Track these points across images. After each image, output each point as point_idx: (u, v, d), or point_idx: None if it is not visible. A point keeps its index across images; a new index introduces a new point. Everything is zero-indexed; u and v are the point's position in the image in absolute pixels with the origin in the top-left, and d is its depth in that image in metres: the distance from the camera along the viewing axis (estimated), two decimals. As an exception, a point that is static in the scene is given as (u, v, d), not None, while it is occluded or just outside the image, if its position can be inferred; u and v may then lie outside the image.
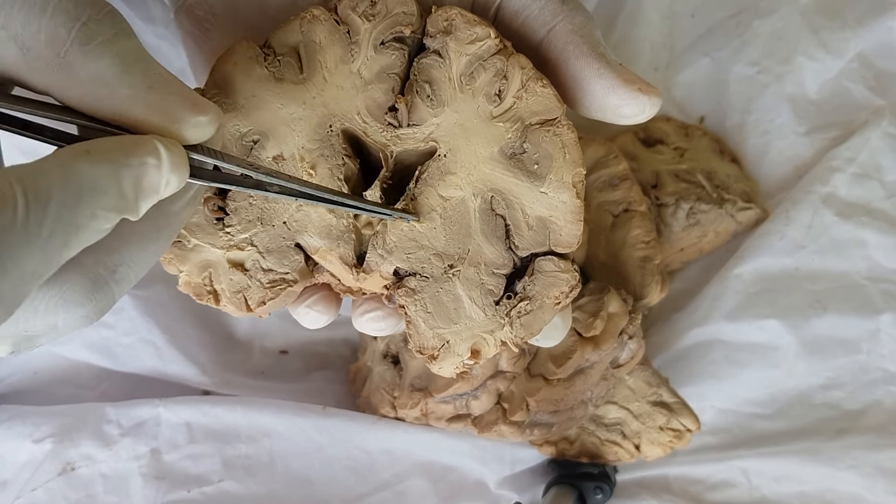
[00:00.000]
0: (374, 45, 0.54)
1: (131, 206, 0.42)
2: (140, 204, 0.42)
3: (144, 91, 0.43)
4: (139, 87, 0.43)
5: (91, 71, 0.42)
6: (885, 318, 0.97)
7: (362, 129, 0.55)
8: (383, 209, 0.54)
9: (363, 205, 0.53)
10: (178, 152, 0.44)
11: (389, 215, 0.54)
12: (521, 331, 0.54)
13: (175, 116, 0.44)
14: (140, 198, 0.42)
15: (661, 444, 0.94)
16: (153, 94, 0.43)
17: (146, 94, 0.43)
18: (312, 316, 0.60)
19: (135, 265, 0.46)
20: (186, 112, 0.44)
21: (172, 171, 0.43)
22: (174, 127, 0.44)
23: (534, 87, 0.52)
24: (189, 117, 0.44)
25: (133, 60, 0.43)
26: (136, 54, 0.43)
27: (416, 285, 0.55)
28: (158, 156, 0.42)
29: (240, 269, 0.57)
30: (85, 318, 0.44)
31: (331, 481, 0.93)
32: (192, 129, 0.44)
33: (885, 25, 0.99)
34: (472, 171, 0.54)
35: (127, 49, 0.43)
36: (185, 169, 0.44)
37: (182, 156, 0.44)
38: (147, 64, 0.44)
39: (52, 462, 0.89)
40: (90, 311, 0.44)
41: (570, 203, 0.53)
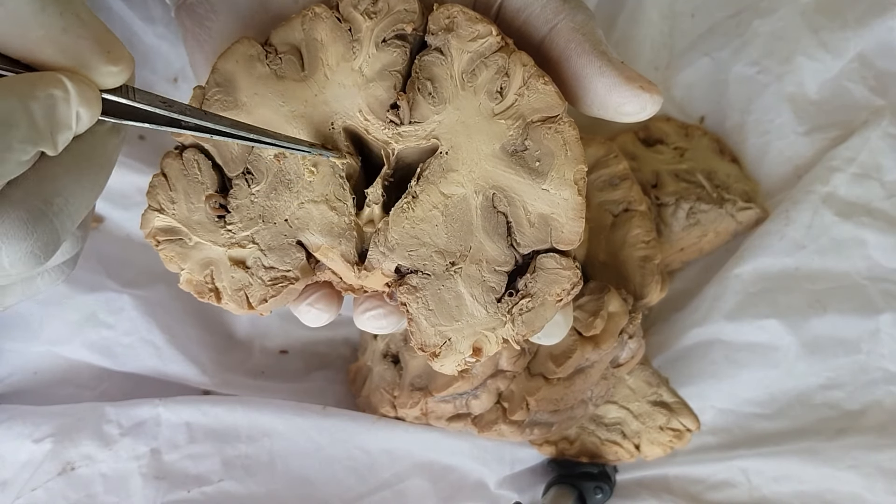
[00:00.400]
0: (375, 42, 0.54)
1: (46, 138, 0.42)
2: (56, 137, 0.42)
3: (58, 32, 0.42)
4: (53, 27, 0.42)
5: (8, 6, 0.41)
6: (885, 317, 0.97)
7: (364, 126, 0.55)
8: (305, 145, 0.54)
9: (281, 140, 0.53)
10: (88, 87, 0.44)
11: (310, 151, 0.54)
12: (522, 328, 0.54)
13: (86, 62, 0.43)
14: (54, 131, 0.42)
15: (661, 444, 0.94)
16: (66, 36, 0.43)
17: (60, 35, 0.42)
18: (314, 314, 0.60)
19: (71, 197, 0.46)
20: (98, 59, 0.44)
21: (82, 105, 0.43)
22: (85, 73, 0.44)
23: (535, 84, 0.52)
24: (100, 65, 0.44)
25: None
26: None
27: (418, 283, 0.55)
28: (66, 89, 0.42)
29: (241, 267, 0.57)
30: (31, 254, 0.44)
31: (331, 481, 0.93)
32: (103, 77, 0.44)
33: (886, 25, 1.00)
34: (474, 168, 0.54)
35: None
36: (95, 103, 0.44)
37: (93, 90, 0.44)
38: (66, 3, 0.43)
39: (52, 462, 0.89)
40: (33, 246, 0.44)
41: (571, 200, 0.53)
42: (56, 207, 0.45)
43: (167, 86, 0.97)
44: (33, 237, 0.43)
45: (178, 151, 0.57)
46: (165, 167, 0.57)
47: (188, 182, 0.56)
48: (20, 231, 0.43)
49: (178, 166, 0.56)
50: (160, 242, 0.57)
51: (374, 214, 0.55)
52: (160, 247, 0.57)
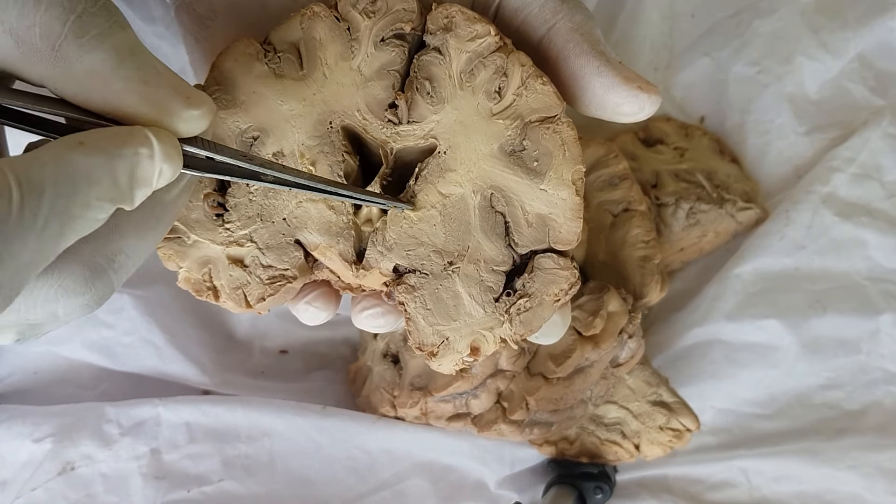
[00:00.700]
0: (374, 41, 0.54)
1: (126, 196, 0.42)
2: (135, 193, 0.42)
3: (138, 84, 0.43)
4: (133, 80, 0.43)
5: (86, 64, 0.42)
6: (885, 318, 0.97)
7: (362, 125, 0.55)
8: (380, 198, 0.54)
9: (359, 194, 0.53)
10: (171, 143, 0.44)
11: (385, 204, 0.54)
12: (520, 328, 0.54)
13: (168, 110, 0.44)
14: (134, 187, 0.42)
15: (661, 444, 0.94)
16: (147, 87, 0.43)
17: (140, 87, 0.43)
18: (312, 312, 0.60)
19: (132, 254, 0.46)
20: (179, 106, 0.44)
21: (165, 161, 0.43)
22: (167, 120, 0.44)
23: (534, 84, 0.52)
24: (182, 111, 0.44)
25: (128, 53, 0.43)
26: (130, 47, 0.43)
27: (416, 282, 0.55)
28: (151, 146, 0.42)
29: (239, 266, 0.57)
30: (85, 306, 0.44)
31: (331, 481, 0.93)
32: (185, 123, 0.44)
33: (886, 25, 1.00)
34: (472, 168, 0.54)
35: (122, 42, 0.43)
36: (178, 159, 0.44)
37: (175, 146, 0.44)
38: (142, 57, 0.43)
39: (52, 462, 0.89)
40: (89, 300, 0.44)
41: (569, 200, 0.53)
42: (117, 264, 0.45)
43: (167, 85, 0.98)
44: (91, 292, 0.44)
45: None
46: None
47: None
48: (80, 287, 0.44)
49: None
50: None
51: (373, 214, 0.55)
52: (159, 245, 0.57)
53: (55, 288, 0.43)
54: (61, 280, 0.43)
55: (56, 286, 0.43)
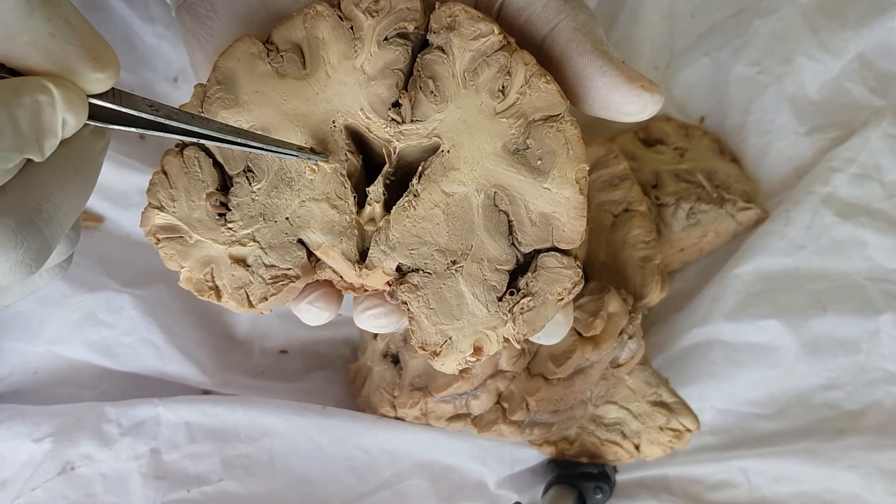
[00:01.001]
0: (377, 41, 0.54)
1: (31, 145, 0.41)
2: (42, 143, 0.42)
3: (45, 38, 0.42)
4: (40, 33, 0.41)
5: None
6: (885, 318, 0.97)
7: (365, 124, 0.55)
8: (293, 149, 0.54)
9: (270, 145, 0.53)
10: (73, 91, 0.43)
11: (297, 155, 0.54)
12: (523, 327, 0.54)
13: (71, 69, 0.43)
14: (39, 137, 0.42)
15: (661, 444, 0.94)
16: (53, 42, 0.42)
17: (47, 41, 0.42)
18: (314, 312, 0.60)
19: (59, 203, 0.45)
20: (84, 66, 0.43)
21: (68, 111, 0.43)
22: (71, 79, 0.43)
23: (537, 83, 0.52)
24: (86, 72, 0.43)
25: (39, 3, 0.41)
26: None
27: (419, 281, 0.55)
28: (51, 95, 0.41)
29: (241, 265, 0.57)
30: (22, 263, 0.43)
31: (330, 481, 0.93)
32: (90, 84, 0.44)
33: (886, 26, 1.00)
34: (476, 166, 0.54)
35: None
36: (82, 108, 0.44)
37: (78, 94, 0.43)
38: (54, 7, 0.42)
39: (52, 461, 0.89)
40: (24, 255, 0.43)
41: (573, 199, 0.53)
42: (45, 214, 0.44)
43: (167, 85, 0.98)
44: (24, 246, 0.43)
45: (178, 149, 0.57)
46: (166, 165, 0.57)
47: (189, 180, 0.56)
48: (10, 240, 0.42)
49: (178, 164, 0.56)
50: (160, 240, 0.57)
51: (376, 213, 0.55)
52: (160, 245, 0.57)
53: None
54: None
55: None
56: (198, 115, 0.51)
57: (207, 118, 0.51)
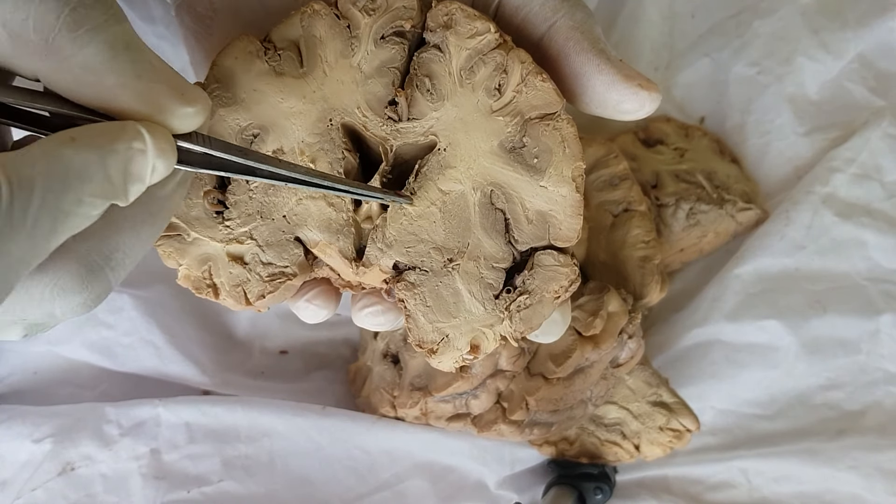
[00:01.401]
0: (374, 39, 0.54)
1: (119, 192, 0.42)
2: (128, 189, 0.42)
3: (132, 79, 0.42)
4: (127, 75, 0.42)
5: (79, 58, 0.41)
6: (885, 318, 0.97)
7: (362, 122, 0.55)
8: (380, 192, 0.54)
9: (360, 189, 0.53)
10: (164, 137, 0.44)
11: (384, 199, 0.54)
12: (520, 325, 0.54)
13: (162, 106, 0.43)
14: (128, 183, 0.42)
15: (661, 445, 0.94)
16: (140, 82, 0.43)
17: (134, 82, 0.42)
18: (312, 310, 0.60)
19: (129, 251, 0.46)
20: (174, 102, 0.43)
21: (158, 157, 0.43)
22: (160, 117, 0.43)
23: (533, 81, 0.52)
24: (176, 108, 0.44)
25: (122, 48, 0.42)
26: (125, 41, 0.43)
27: (416, 279, 0.55)
28: (143, 141, 0.42)
29: (239, 263, 0.57)
30: (82, 305, 0.44)
31: (330, 481, 0.93)
32: (179, 120, 0.44)
33: (886, 26, 1.00)
34: (472, 164, 0.54)
35: (116, 35, 0.42)
36: (171, 154, 0.44)
37: (168, 141, 0.44)
38: (137, 52, 0.43)
39: (52, 462, 0.89)
40: (86, 299, 0.44)
41: (569, 197, 0.53)
42: (114, 262, 0.45)
43: (167, 86, 0.98)
44: (87, 291, 0.44)
45: None
46: None
47: None
48: (76, 286, 0.43)
49: None
50: (159, 238, 0.57)
51: (372, 211, 0.55)
52: (158, 242, 0.57)
53: (51, 287, 0.43)
54: (56, 279, 0.43)
55: (52, 285, 0.43)
56: (284, 160, 0.53)
57: (293, 163, 0.52)
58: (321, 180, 0.52)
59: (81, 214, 0.40)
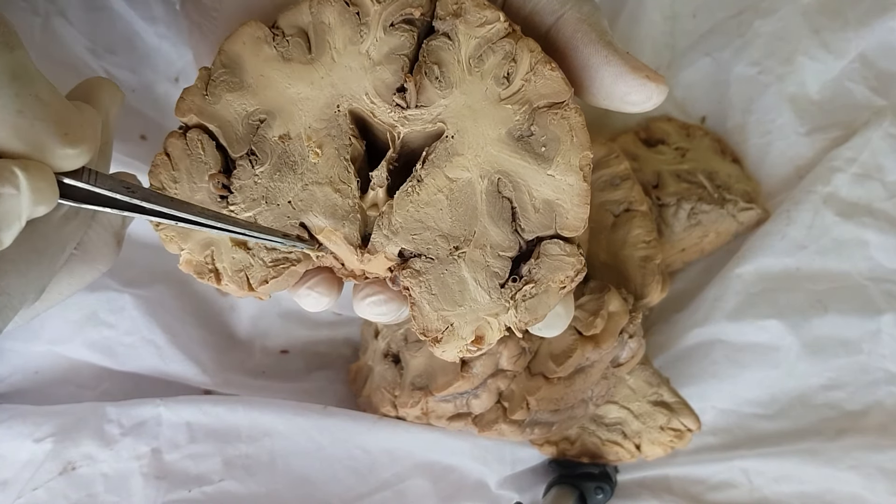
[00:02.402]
0: (383, 26, 0.54)
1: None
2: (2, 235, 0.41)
3: (12, 115, 0.40)
4: (7, 109, 0.40)
5: None
6: (887, 318, 0.98)
7: (370, 109, 0.55)
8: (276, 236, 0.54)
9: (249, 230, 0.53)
10: (43, 177, 0.42)
11: (282, 243, 0.54)
12: (525, 315, 0.54)
13: (41, 146, 0.42)
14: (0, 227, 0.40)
15: (662, 444, 0.94)
16: (21, 118, 0.40)
17: (13, 118, 0.40)
18: (314, 298, 0.60)
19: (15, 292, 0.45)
20: (55, 142, 0.42)
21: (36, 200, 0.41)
22: (41, 157, 0.42)
23: (542, 69, 0.53)
24: (56, 149, 0.42)
25: (7, 79, 0.40)
26: (13, 71, 0.40)
27: (421, 266, 0.55)
28: (16, 184, 0.40)
29: (242, 248, 0.56)
30: None
31: (331, 481, 0.93)
32: (60, 160, 0.43)
33: (887, 26, 1.00)
34: (480, 152, 0.54)
35: (3, 66, 0.40)
36: (51, 195, 0.43)
37: (47, 180, 0.42)
38: (24, 84, 0.41)
39: (53, 461, 0.89)
40: None
41: (576, 186, 0.53)
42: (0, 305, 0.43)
43: (169, 85, 0.97)
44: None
45: (181, 131, 0.57)
46: (169, 146, 0.56)
47: (191, 162, 0.56)
48: None
49: (181, 146, 0.56)
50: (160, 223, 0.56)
51: (379, 198, 0.55)
52: (160, 227, 0.56)
53: None
54: None
55: None
56: (176, 198, 0.51)
57: (187, 202, 0.51)
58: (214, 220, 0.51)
59: None
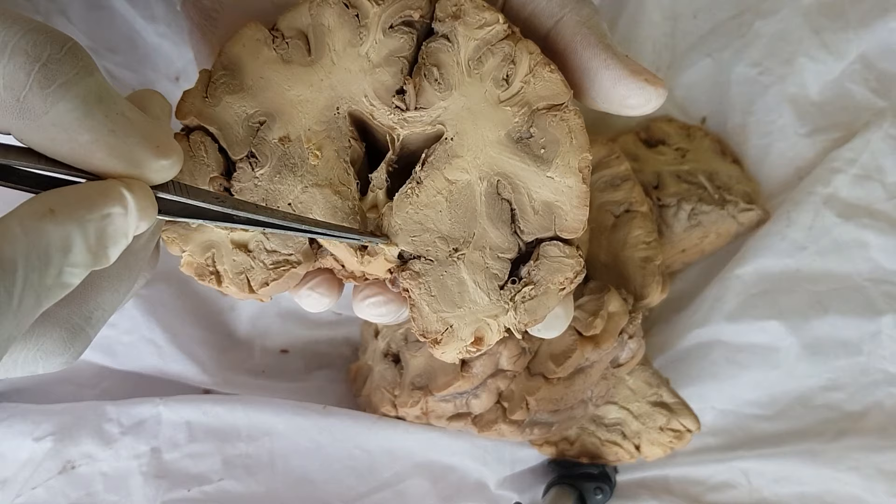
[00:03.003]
0: (382, 28, 0.54)
1: (100, 257, 0.41)
2: (109, 252, 0.42)
3: (106, 135, 0.42)
4: (100, 131, 0.42)
5: (51, 115, 0.41)
6: (886, 319, 0.98)
7: (369, 111, 0.55)
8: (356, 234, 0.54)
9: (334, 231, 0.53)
10: (145, 195, 0.43)
11: (360, 240, 0.54)
12: (524, 316, 0.54)
13: (137, 161, 0.43)
14: (109, 246, 0.42)
15: (662, 445, 0.94)
16: (114, 138, 0.42)
17: (108, 138, 0.42)
18: (314, 298, 0.60)
19: (108, 307, 0.46)
20: (149, 156, 0.43)
21: (140, 216, 0.43)
22: (136, 172, 0.43)
23: (541, 71, 0.53)
24: (151, 162, 0.43)
25: (95, 101, 0.42)
26: (98, 94, 0.42)
27: (421, 268, 0.55)
28: (125, 204, 0.41)
29: (243, 250, 0.56)
30: (64, 363, 0.45)
31: (331, 480, 0.93)
32: (155, 174, 0.44)
33: (888, 26, 1.00)
34: (479, 154, 0.54)
35: (88, 89, 0.42)
36: (153, 211, 0.44)
37: (149, 198, 0.44)
38: (110, 104, 0.43)
39: (53, 460, 0.89)
40: (69, 358, 0.44)
41: (575, 188, 0.53)
42: (94, 320, 0.45)
43: (169, 84, 0.97)
44: (70, 352, 0.44)
45: (184, 133, 0.57)
46: None
47: (194, 164, 0.56)
48: (59, 348, 0.44)
49: (184, 147, 0.56)
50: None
51: (378, 199, 0.55)
52: (162, 228, 0.56)
53: (34, 352, 0.43)
54: (40, 344, 0.43)
55: (35, 350, 0.43)
56: (262, 205, 0.53)
57: (272, 209, 0.53)
58: (298, 224, 0.52)
59: (63, 285, 0.40)
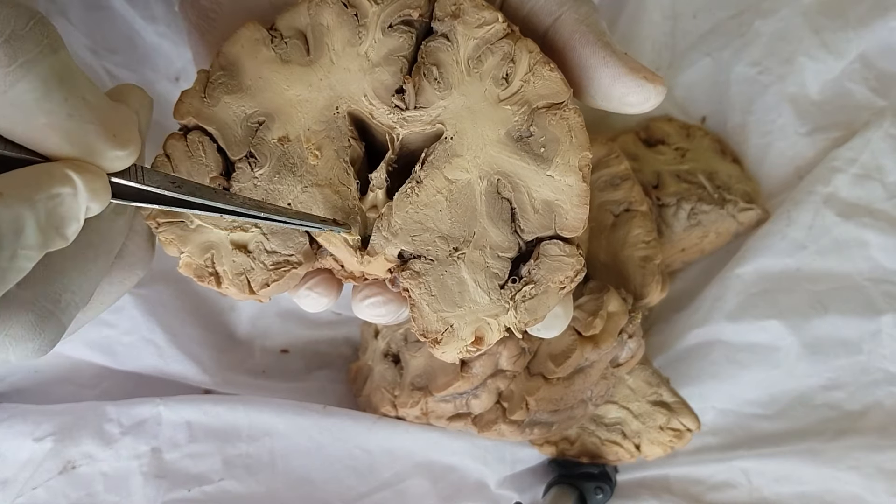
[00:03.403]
0: (381, 27, 0.54)
1: (54, 238, 0.41)
2: (64, 233, 0.41)
3: (63, 119, 0.41)
4: (58, 114, 0.41)
5: (10, 95, 0.40)
6: (887, 319, 0.97)
7: (369, 111, 0.55)
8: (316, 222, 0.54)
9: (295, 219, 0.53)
10: (96, 178, 0.43)
11: (321, 228, 0.54)
12: (525, 315, 0.54)
13: (92, 149, 0.42)
14: (61, 227, 0.41)
15: (662, 444, 0.93)
16: (71, 122, 0.41)
17: (65, 122, 0.41)
18: (313, 298, 0.60)
19: (78, 289, 0.46)
20: (104, 144, 0.43)
21: (91, 199, 0.42)
22: (91, 159, 0.43)
23: (541, 70, 0.53)
24: (106, 150, 0.43)
25: (56, 83, 0.41)
26: (60, 74, 0.41)
27: (421, 268, 0.55)
28: (74, 185, 0.41)
29: (243, 251, 0.56)
30: (36, 350, 0.44)
31: (331, 480, 0.93)
32: (110, 162, 0.44)
33: (888, 26, 1.00)
34: (479, 153, 0.54)
35: (50, 69, 0.40)
36: (104, 194, 0.43)
37: (101, 181, 0.43)
38: (71, 86, 0.42)
39: (53, 460, 0.89)
40: (40, 344, 0.44)
41: (576, 186, 0.53)
42: (64, 304, 0.45)
43: (169, 84, 0.97)
44: (40, 337, 0.43)
45: (182, 133, 0.57)
46: (169, 148, 0.56)
47: (192, 164, 0.56)
48: (28, 334, 0.43)
49: (182, 148, 0.56)
50: (160, 224, 0.56)
51: (378, 199, 0.55)
52: (160, 229, 0.56)
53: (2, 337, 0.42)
54: (6, 329, 0.42)
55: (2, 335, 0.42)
56: (220, 190, 0.52)
57: (231, 194, 0.52)
58: (257, 211, 0.51)
59: (18, 268, 0.39)
